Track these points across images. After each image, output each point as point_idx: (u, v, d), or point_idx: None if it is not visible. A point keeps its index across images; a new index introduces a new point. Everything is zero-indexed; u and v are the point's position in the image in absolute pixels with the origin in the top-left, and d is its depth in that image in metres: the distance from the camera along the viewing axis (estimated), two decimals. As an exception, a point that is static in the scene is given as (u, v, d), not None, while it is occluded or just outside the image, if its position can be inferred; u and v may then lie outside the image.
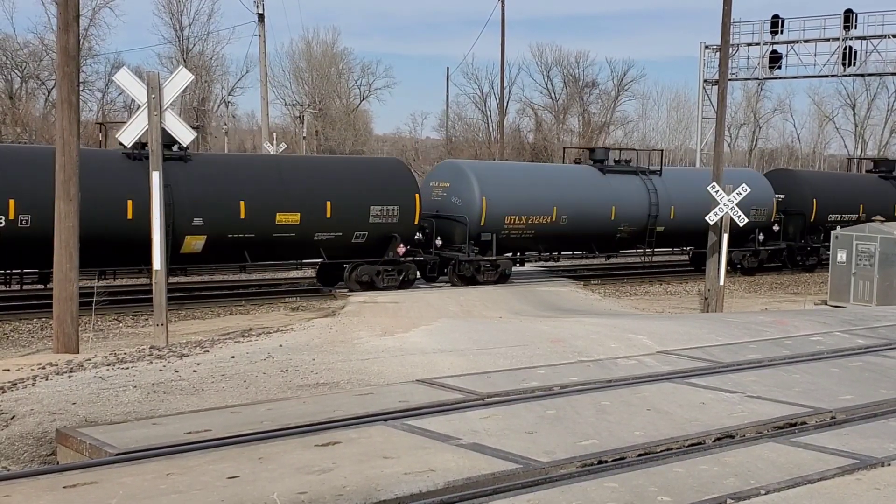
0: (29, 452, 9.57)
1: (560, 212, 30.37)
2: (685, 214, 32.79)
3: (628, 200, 32.41)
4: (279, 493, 7.37)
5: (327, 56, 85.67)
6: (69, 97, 15.96)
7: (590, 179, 32.30)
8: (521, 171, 34.13)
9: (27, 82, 64.45)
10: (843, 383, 12.31)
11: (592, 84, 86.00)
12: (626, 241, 33.07)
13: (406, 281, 27.62)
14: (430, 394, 11.11)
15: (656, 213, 32.86)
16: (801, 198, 37.37)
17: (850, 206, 38.96)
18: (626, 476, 8.06)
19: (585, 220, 31.13)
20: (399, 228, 27.05)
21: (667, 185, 33.62)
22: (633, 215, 32.47)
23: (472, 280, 29.07)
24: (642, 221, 32.83)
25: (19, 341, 19.39)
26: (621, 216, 32.19)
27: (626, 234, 32.45)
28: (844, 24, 45.94)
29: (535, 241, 30.64)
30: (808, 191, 37.74)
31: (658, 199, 32.95)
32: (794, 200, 37.27)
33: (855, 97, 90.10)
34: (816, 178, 42.69)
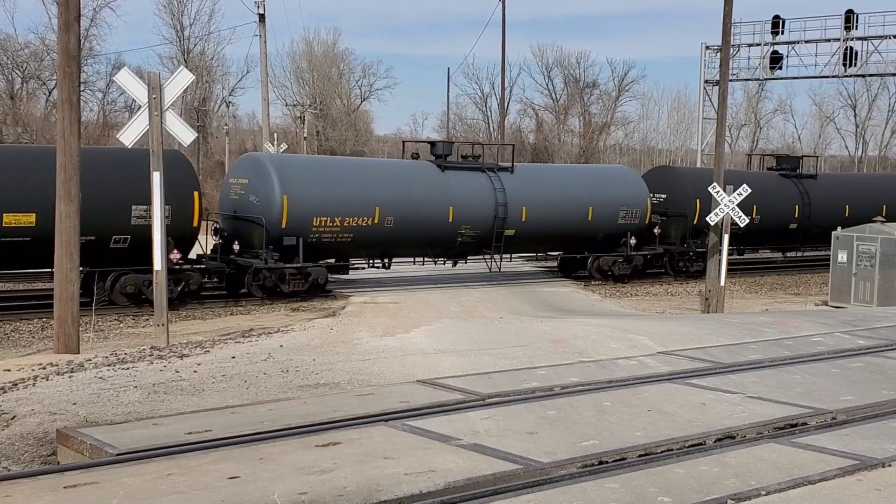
0: (29, 452, 9.58)
1: (384, 213, 26.71)
2: (542, 216, 29.95)
3: (469, 200, 28.63)
4: (280, 493, 7.37)
5: (328, 56, 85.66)
6: (70, 97, 15.96)
7: (424, 177, 28.40)
8: (336, 166, 29.92)
9: (28, 82, 64.43)
10: (843, 384, 12.30)
11: (593, 84, 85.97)
12: (472, 246, 29.26)
13: (185, 293, 23.79)
14: (431, 394, 11.11)
15: (504, 214, 29.05)
16: (684, 198, 33.54)
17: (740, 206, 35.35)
18: (627, 476, 8.06)
19: (417, 223, 27.34)
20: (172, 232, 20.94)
21: (519, 184, 29.87)
22: (476, 217, 28.56)
23: (274, 290, 25.15)
24: (487, 224, 28.93)
25: (20, 341, 19.39)
26: (461, 218, 28.39)
27: (470, 238, 28.64)
28: (845, 24, 45.91)
29: (356, 246, 27.03)
30: (692, 190, 33.34)
31: (507, 200, 29.14)
32: (675, 201, 33.83)
33: (856, 98, 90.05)
34: (702, 175, 36.44)
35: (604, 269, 31.98)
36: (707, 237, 30.12)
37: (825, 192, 38.24)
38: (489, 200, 29.03)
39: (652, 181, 34.60)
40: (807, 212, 37.22)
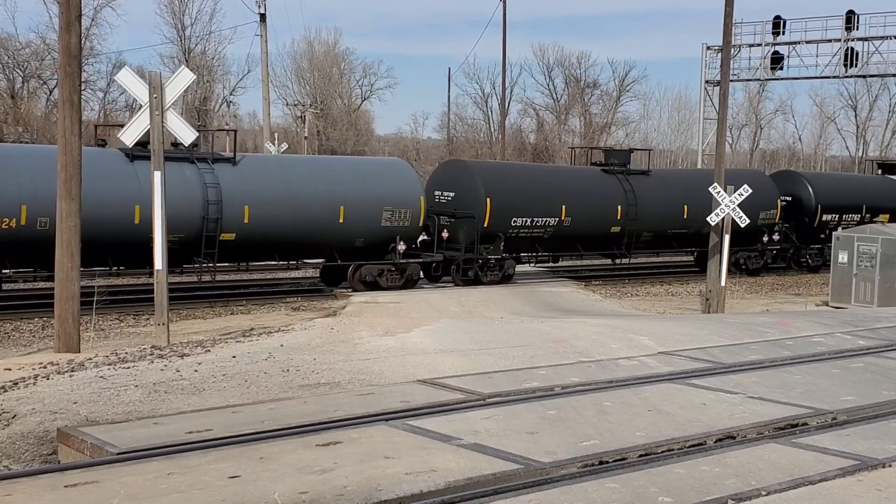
0: (30, 451, 9.58)
1: (31, 212, 21.90)
2: (274, 216, 25.27)
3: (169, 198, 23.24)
4: (280, 492, 7.38)
5: (329, 56, 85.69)
6: (71, 96, 15.97)
7: (105, 168, 23.16)
8: None
9: (29, 82, 64.46)
10: (844, 384, 12.30)
11: (594, 85, 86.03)
12: (180, 253, 23.85)
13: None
14: (432, 394, 11.11)
15: (218, 214, 24.36)
16: (474, 196, 29.00)
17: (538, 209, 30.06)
18: (628, 477, 8.06)
19: (100, 223, 22.07)
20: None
21: (245, 179, 25.41)
22: (181, 218, 22.99)
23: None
24: (195, 227, 24.09)
25: (20, 340, 19.40)
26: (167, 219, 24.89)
27: (178, 243, 23.03)
28: (846, 25, 45.93)
29: None
30: (482, 188, 29.04)
31: (221, 197, 24.48)
32: (464, 200, 29.20)
33: (856, 98, 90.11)
34: (496, 170, 33.09)
35: (367, 280, 27.08)
36: (499, 241, 28.92)
37: (658, 191, 33.20)
38: (197, 198, 24.20)
39: (441, 177, 30.89)
40: (632, 213, 32.15)
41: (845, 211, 38.51)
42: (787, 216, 37.20)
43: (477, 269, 29.10)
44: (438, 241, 29.29)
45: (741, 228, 26.87)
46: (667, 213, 33.16)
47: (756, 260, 36.25)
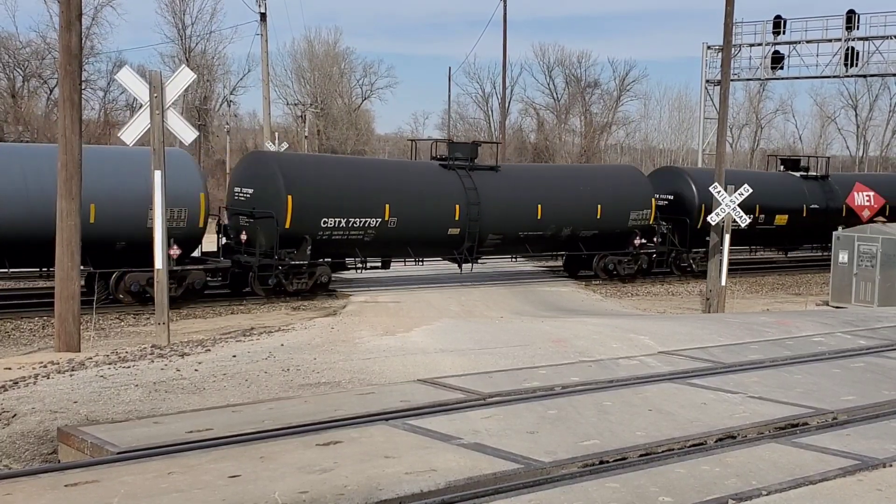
0: (30, 451, 9.57)
1: None
2: None
3: None
4: (280, 492, 7.37)
5: (329, 55, 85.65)
6: (71, 96, 15.96)
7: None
8: None
9: (29, 81, 64.46)
10: (844, 384, 12.29)
11: (594, 84, 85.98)
12: None
13: None
14: (432, 393, 11.10)
15: None
16: (275, 194, 25.54)
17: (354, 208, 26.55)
18: (628, 476, 8.06)
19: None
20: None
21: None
22: None
23: None
24: None
25: (21, 340, 19.40)
26: None
27: None
28: (847, 24, 45.92)
29: None
30: (282, 185, 25.51)
31: None
32: (264, 197, 25.75)
33: (857, 98, 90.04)
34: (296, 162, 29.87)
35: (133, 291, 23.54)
36: (307, 244, 25.30)
37: (506, 190, 29.80)
38: None
39: (241, 172, 27.57)
40: (474, 213, 28.54)
41: None
42: (669, 217, 33.76)
43: (280, 276, 25.32)
44: (237, 245, 25.92)
45: (608, 230, 25.73)
46: (517, 213, 29.67)
47: (628, 265, 32.23)
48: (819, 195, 38.39)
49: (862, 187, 40.19)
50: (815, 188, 38.56)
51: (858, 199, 39.74)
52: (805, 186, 38.20)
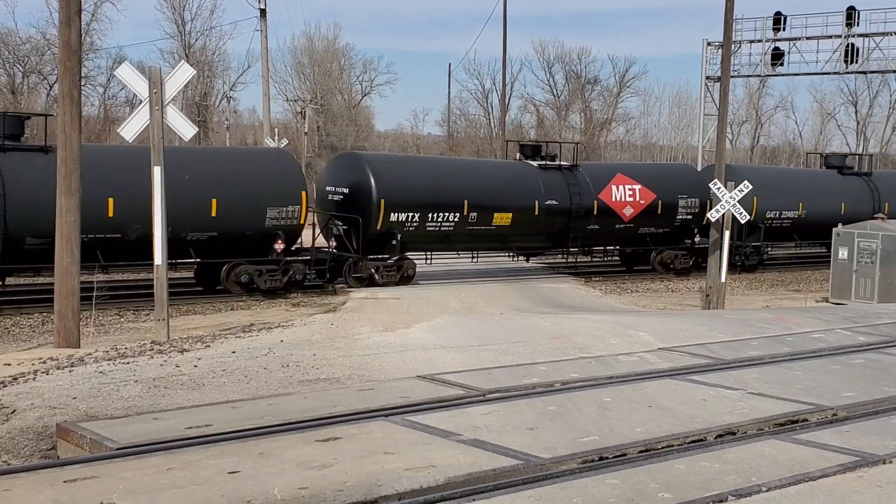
0: (29, 447, 9.57)
1: None
2: None
3: None
4: (280, 488, 7.37)
5: (329, 52, 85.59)
6: (71, 92, 15.94)
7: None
8: None
9: (29, 77, 64.43)
10: (844, 380, 12.29)
11: (594, 80, 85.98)
12: None
13: None
14: (431, 390, 11.10)
15: None
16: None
17: None
18: (627, 472, 8.05)
19: None
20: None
21: None
22: None
23: None
24: None
25: (20, 336, 19.39)
26: None
27: None
28: (847, 21, 45.85)
29: None
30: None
31: None
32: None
33: (857, 94, 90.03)
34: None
35: None
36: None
37: None
38: None
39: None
40: None
41: (433, 209, 28.01)
42: (344, 216, 27.54)
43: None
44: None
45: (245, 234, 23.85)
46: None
47: (271, 278, 25.22)
48: (559, 190, 30.94)
49: (625, 179, 32.84)
50: (555, 180, 31.19)
51: (617, 193, 32.25)
52: (541, 178, 30.91)
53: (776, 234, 37.14)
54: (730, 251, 29.40)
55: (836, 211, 36.85)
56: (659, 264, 33.61)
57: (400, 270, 27.89)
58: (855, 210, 36.80)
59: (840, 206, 37.58)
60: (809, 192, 37.97)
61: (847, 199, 38.42)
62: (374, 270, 27.19)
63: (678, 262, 33.62)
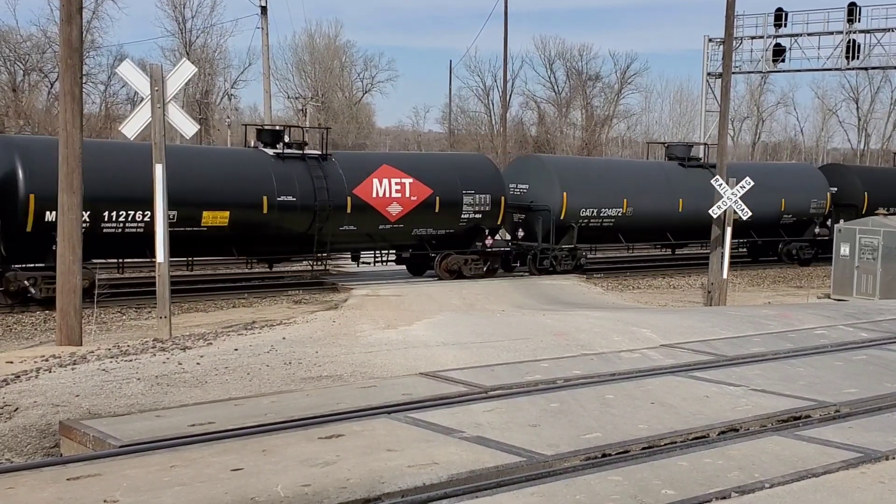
0: (32, 444, 9.57)
1: None
2: None
3: None
4: (283, 485, 7.37)
5: (330, 49, 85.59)
6: (72, 89, 15.93)
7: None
8: None
9: (30, 74, 64.38)
10: (847, 377, 12.28)
11: (595, 77, 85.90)
12: None
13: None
14: (434, 387, 11.10)
15: None
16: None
17: None
18: (631, 469, 8.05)
19: None
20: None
21: None
22: None
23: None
24: None
25: (22, 333, 19.39)
26: None
27: None
28: (848, 17, 45.85)
29: None
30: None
31: None
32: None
33: (858, 91, 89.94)
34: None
35: None
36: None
37: None
38: None
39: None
40: None
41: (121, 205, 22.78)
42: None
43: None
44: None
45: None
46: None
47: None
48: (299, 183, 26.01)
49: (393, 171, 27.73)
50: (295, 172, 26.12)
51: (380, 188, 27.28)
52: (275, 169, 25.78)
53: (596, 235, 32.59)
54: (533, 256, 31.03)
55: (671, 209, 33.42)
56: (446, 270, 28.69)
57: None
58: (697, 208, 31.09)
59: (677, 203, 33.51)
60: (637, 188, 33.08)
61: (687, 195, 33.39)
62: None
63: (468, 268, 29.00)
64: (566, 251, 31.47)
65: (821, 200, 37.88)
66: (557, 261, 31.21)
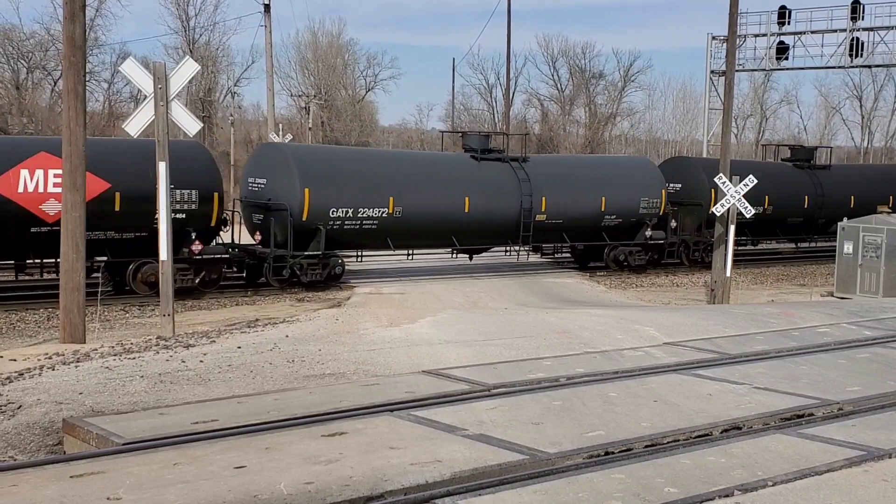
0: (36, 442, 9.59)
1: None
2: None
3: None
4: (286, 483, 7.38)
5: (333, 47, 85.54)
6: (75, 87, 15.95)
7: None
8: None
9: (33, 72, 64.39)
10: (850, 375, 12.28)
11: (599, 75, 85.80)
12: None
13: None
14: (437, 385, 11.11)
15: None
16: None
17: None
18: (634, 467, 8.05)
19: None
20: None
21: None
22: None
23: None
24: None
25: (26, 331, 19.41)
26: None
27: None
28: (852, 15, 45.77)
29: None
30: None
31: None
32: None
33: (862, 88, 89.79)
34: None
35: None
36: None
37: None
38: None
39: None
40: None
41: None
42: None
43: None
44: None
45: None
46: None
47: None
48: None
49: (52, 161, 20.72)
50: None
51: (31, 182, 21.49)
52: None
53: (355, 239, 26.97)
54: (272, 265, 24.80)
55: (455, 209, 27.99)
56: (143, 283, 23.15)
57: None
58: (492, 207, 28.37)
59: (463, 202, 28.08)
60: (407, 183, 27.66)
61: (477, 193, 28.42)
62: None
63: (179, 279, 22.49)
64: (313, 259, 25.56)
65: (653, 199, 32.18)
66: (303, 270, 25.38)
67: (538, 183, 29.48)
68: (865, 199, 37.15)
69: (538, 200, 29.36)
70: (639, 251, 32.35)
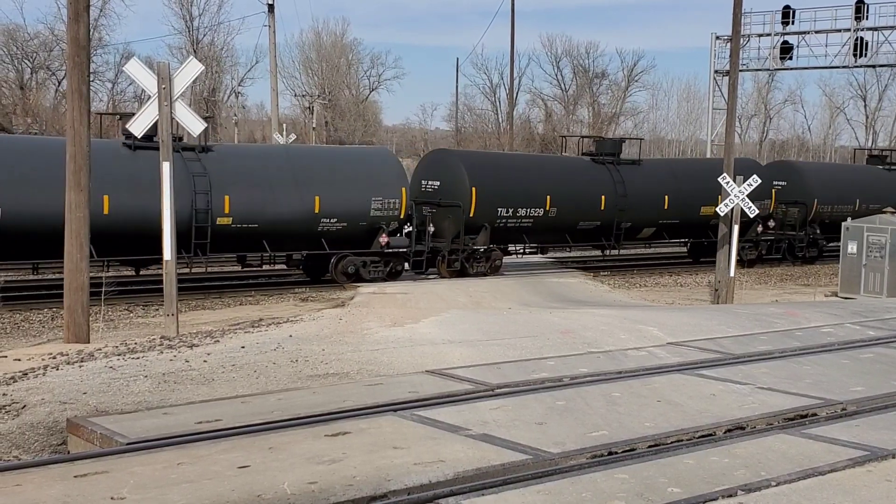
0: (40, 442, 9.60)
1: None
2: None
3: None
4: (289, 482, 7.39)
5: (337, 47, 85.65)
6: (80, 87, 15.96)
7: None
8: None
9: (37, 72, 64.54)
10: (854, 375, 12.27)
11: (602, 75, 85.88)
12: None
13: None
14: (440, 384, 11.11)
15: None
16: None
17: None
18: (637, 467, 8.05)
19: None
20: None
21: None
22: None
23: None
24: None
25: (30, 331, 19.43)
26: None
27: None
28: (856, 14, 45.76)
29: None
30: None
31: None
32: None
33: (866, 88, 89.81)
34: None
35: None
36: None
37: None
38: None
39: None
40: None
41: None
42: None
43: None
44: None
45: None
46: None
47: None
48: None
49: None
50: None
51: None
52: None
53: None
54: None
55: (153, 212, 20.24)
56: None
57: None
58: None
59: None
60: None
61: None
62: None
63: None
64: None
65: (390, 199, 26.53)
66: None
67: (220, 178, 23.91)
68: (685, 200, 32.83)
69: (219, 199, 23.76)
70: (375, 262, 26.42)
